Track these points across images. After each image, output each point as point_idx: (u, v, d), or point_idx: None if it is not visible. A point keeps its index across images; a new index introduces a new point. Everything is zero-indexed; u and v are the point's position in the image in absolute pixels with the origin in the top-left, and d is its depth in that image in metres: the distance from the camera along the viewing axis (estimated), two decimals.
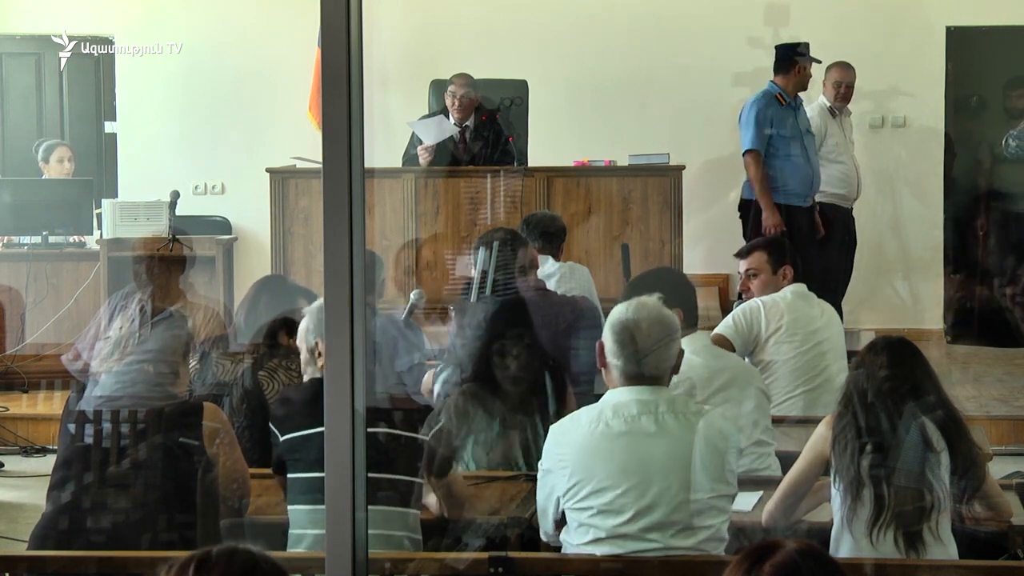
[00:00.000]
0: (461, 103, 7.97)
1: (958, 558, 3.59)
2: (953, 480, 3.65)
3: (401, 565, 3.59)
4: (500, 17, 9.52)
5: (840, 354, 5.42)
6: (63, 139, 9.53)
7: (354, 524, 2.45)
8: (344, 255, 2.45)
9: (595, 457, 3.44)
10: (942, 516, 3.57)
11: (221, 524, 3.82)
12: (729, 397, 4.49)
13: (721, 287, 9.03)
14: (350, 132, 2.45)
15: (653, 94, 9.43)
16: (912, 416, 3.60)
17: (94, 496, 3.69)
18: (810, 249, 7.55)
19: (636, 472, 3.42)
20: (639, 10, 9.43)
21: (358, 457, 2.46)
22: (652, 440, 3.44)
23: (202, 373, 4.63)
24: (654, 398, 3.49)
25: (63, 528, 3.69)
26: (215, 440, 3.77)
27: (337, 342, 2.45)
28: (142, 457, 3.73)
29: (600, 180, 8.00)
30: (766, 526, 3.75)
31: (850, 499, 3.56)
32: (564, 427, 3.57)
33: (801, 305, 5.46)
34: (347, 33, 2.44)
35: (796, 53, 7.95)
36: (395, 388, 5.28)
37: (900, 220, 9.41)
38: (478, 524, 3.82)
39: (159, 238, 7.56)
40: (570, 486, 3.46)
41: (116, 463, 3.72)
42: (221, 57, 9.70)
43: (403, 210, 7.92)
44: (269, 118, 9.45)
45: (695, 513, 3.41)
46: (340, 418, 2.46)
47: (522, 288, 5.26)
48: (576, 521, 3.48)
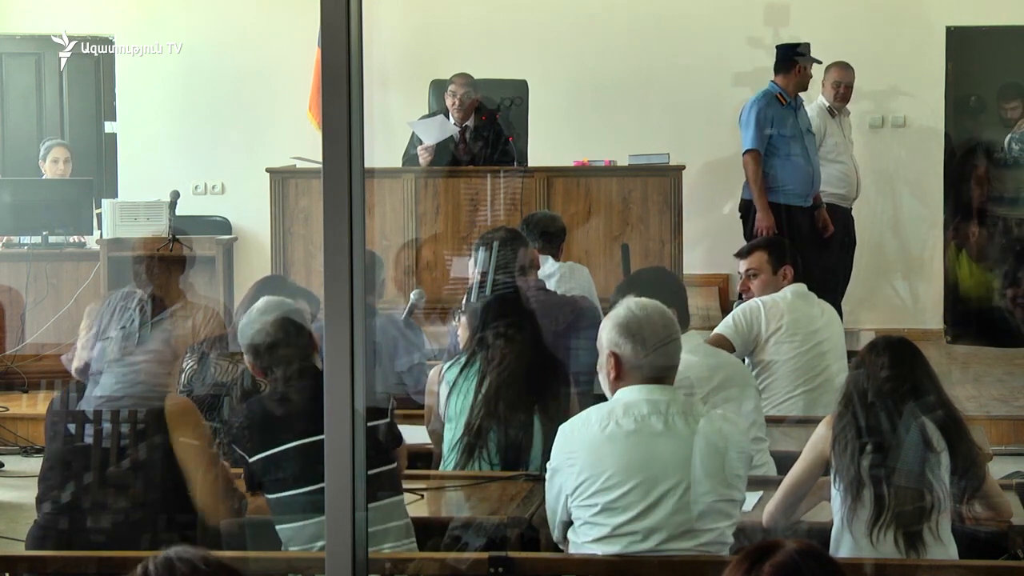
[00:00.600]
0: (461, 103, 7.97)
1: (958, 558, 3.59)
2: (953, 480, 3.65)
3: (401, 565, 3.59)
4: (500, 17, 9.53)
5: (840, 354, 5.42)
6: (63, 139, 9.53)
7: (354, 524, 2.45)
8: (344, 255, 2.45)
9: (604, 455, 3.45)
10: (942, 516, 3.57)
11: (221, 524, 3.81)
12: (729, 396, 4.49)
13: (721, 287, 9.03)
14: (350, 132, 2.45)
15: (653, 94, 9.43)
16: (912, 416, 3.60)
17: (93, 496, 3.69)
18: (810, 249, 7.55)
19: (642, 470, 3.42)
20: (639, 10, 9.43)
21: (358, 457, 2.46)
22: (660, 440, 3.45)
23: (201, 373, 4.63)
24: (664, 398, 3.49)
25: (63, 528, 3.69)
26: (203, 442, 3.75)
27: (337, 342, 2.45)
28: (141, 457, 3.73)
29: (600, 180, 8.00)
30: (766, 526, 3.75)
31: (850, 499, 3.56)
32: (573, 426, 3.57)
33: (801, 305, 5.46)
34: (347, 33, 2.44)
35: (796, 53, 7.95)
36: (395, 388, 5.29)
37: (900, 220, 9.41)
38: (478, 524, 3.82)
39: (159, 238, 7.55)
40: (578, 484, 3.46)
41: (116, 463, 3.71)
42: (221, 57, 9.70)
43: (403, 210, 7.92)
44: (269, 118, 9.45)
45: (699, 516, 3.41)
46: (340, 418, 2.46)
47: (522, 288, 5.25)
48: (581, 519, 3.48)
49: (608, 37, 9.43)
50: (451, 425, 4.44)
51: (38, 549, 3.74)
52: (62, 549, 3.68)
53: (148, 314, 3.92)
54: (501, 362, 4.43)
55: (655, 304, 3.60)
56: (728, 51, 9.11)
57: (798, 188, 7.84)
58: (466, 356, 4.51)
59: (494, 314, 4.54)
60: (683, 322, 4.59)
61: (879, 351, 3.72)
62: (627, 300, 3.61)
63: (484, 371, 4.42)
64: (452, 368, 4.51)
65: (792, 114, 7.86)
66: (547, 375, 4.51)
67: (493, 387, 4.39)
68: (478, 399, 4.38)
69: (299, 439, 3.64)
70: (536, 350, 4.53)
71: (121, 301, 3.93)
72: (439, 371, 4.59)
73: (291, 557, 3.66)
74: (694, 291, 7.08)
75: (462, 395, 4.43)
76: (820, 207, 7.98)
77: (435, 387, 4.56)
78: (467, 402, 4.41)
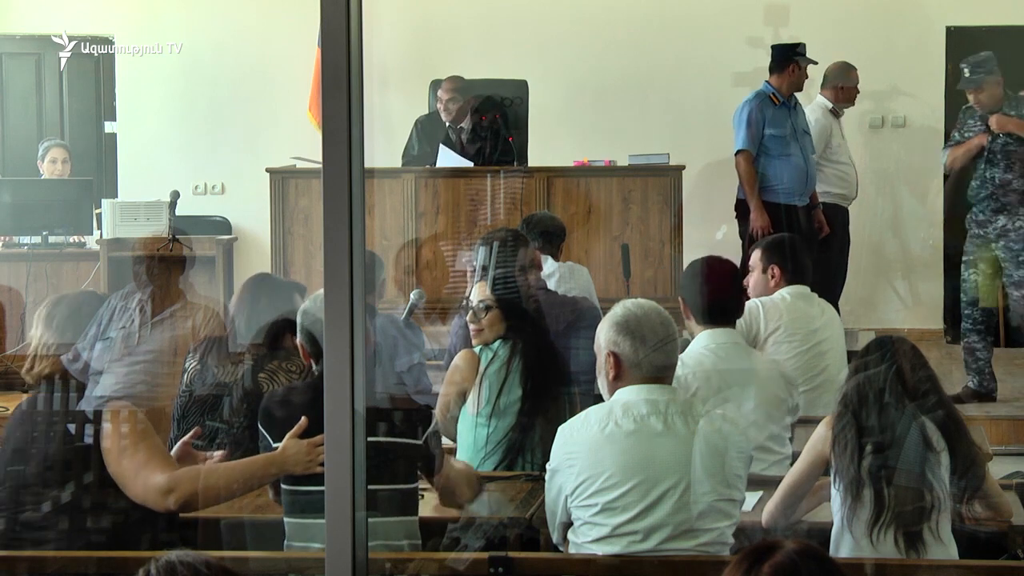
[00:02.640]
0: (448, 107, 8.04)
1: (958, 558, 3.59)
2: (953, 480, 3.65)
3: (401, 565, 3.59)
4: (500, 17, 9.53)
5: (840, 354, 5.42)
6: (63, 139, 9.53)
7: (354, 524, 2.45)
8: (344, 255, 2.45)
9: (603, 455, 3.45)
10: (942, 516, 3.57)
11: (221, 524, 3.81)
12: (728, 397, 4.49)
13: None
14: (350, 132, 2.45)
15: (653, 94, 9.43)
16: (912, 416, 3.60)
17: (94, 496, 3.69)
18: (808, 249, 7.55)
19: (641, 470, 3.42)
20: (639, 10, 9.43)
21: (358, 458, 2.46)
22: (659, 440, 3.45)
23: (202, 373, 4.63)
24: (663, 398, 3.50)
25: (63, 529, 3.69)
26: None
27: (337, 342, 2.45)
28: None
29: (600, 180, 8.01)
30: (766, 526, 3.76)
31: (850, 499, 3.56)
32: (573, 426, 3.57)
33: (801, 305, 5.46)
34: (347, 33, 2.44)
35: (792, 53, 7.95)
36: (395, 388, 5.28)
37: (900, 220, 9.42)
38: (478, 524, 3.81)
39: (159, 238, 7.55)
40: (577, 484, 3.46)
41: None
42: (221, 57, 9.70)
43: (403, 210, 7.92)
44: (269, 118, 9.45)
45: (699, 515, 3.41)
46: (340, 419, 2.46)
47: (523, 288, 5.25)
48: (581, 519, 3.48)
49: (608, 37, 9.43)
50: (482, 421, 4.41)
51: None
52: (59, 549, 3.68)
53: (148, 314, 3.92)
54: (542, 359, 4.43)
55: (652, 304, 3.61)
56: (728, 51, 9.11)
57: (794, 188, 7.84)
58: (507, 351, 4.48)
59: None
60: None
61: (878, 351, 3.72)
62: (624, 301, 3.62)
63: (529, 367, 4.40)
64: (492, 364, 4.48)
65: (787, 114, 7.86)
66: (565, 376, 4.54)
67: (539, 385, 4.39)
68: (524, 396, 4.37)
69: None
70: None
71: (121, 301, 3.93)
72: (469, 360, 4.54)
73: (291, 557, 3.66)
74: None
75: (501, 393, 4.41)
76: (817, 207, 7.98)
77: (457, 376, 4.53)
78: (511, 399, 4.39)
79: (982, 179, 7.01)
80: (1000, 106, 7.00)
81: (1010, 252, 6.97)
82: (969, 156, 7.04)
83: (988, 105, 7.00)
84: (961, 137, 7.13)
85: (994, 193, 6.99)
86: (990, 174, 6.97)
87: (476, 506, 3.93)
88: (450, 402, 4.53)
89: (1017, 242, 6.96)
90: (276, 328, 4.59)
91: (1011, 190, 6.96)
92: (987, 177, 6.99)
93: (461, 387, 4.52)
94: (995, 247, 7.01)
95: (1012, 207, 6.96)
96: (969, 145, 7.04)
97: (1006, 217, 6.97)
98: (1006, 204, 6.97)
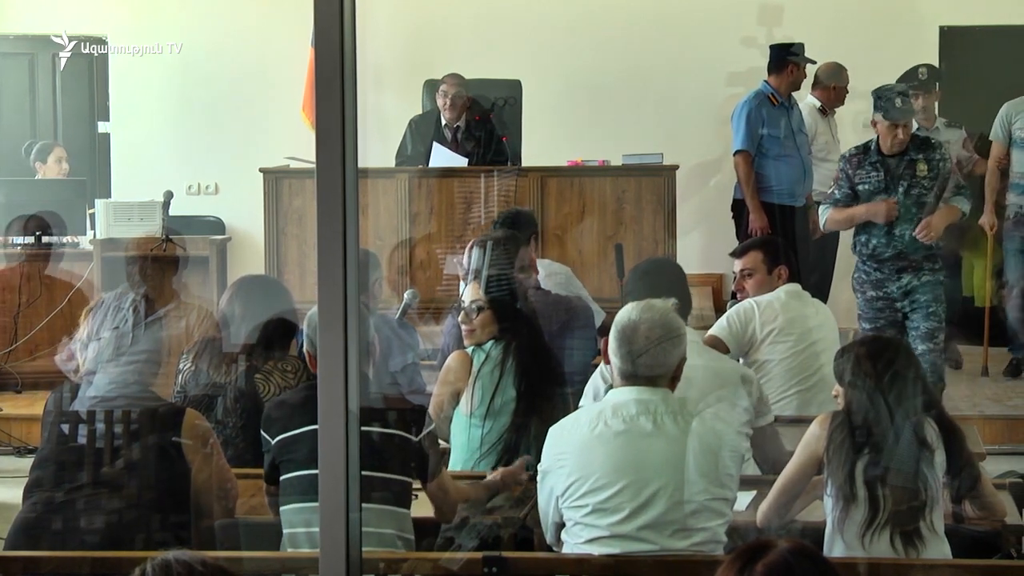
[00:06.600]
0: (453, 103, 7.99)
1: (951, 556, 3.60)
2: (947, 480, 3.66)
3: (395, 565, 3.59)
4: (494, 17, 9.53)
5: (834, 353, 5.42)
6: (56, 139, 9.53)
7: (348, 524, 2.45)
8: (338, 255, 2.45)
9: (593, 456, 3.45)
10: (935, 512, 3.58)
11: (215, 525, 3.81)
12: (722, 397, 4.49)
13: (715, 287, 9.03)
14: (343, 132, 2.45)
15: (647, 94, 9.44)
16: (905, 415, 3.61)
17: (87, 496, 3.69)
18: (804, 248, 7.57)
19: (632, 471, 3.42)
20: (633, 10, 9.44)
21: (352, 457, 2.46)
22: (649, 440, 3.45)
23: (196, 374, 4.62)
24: (652, 398, 3.49)
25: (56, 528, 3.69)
26: (202, 447, 3.75)
27: (331, 342, 2.45)
28: (135, 457, 3.73)
29: (594, 180, 8.00)
30: (760, 525, 3.76)
31: (843, 502, 3.56)
32: (563, 427, 3.57)
33: (795, 305, 5.46)
34: (340, 33, 2.44)
35: (790, 53, 7.96)
36: (389, 388, 5.28)
37: None
38: (472, 524, 3.82)
39: (152, 238, 7.56)
40: (568, 485, 3.47)
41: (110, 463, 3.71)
42: (214, 57, 9.70)
43: (397, 210, 7.92)
44: (262, 118, 9.45)
45: (691, 514, 3.41)
46: (334, 418, 2.46)
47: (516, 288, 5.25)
48: (573, 520, 3.48)
49: (602, 37, 9.44)
50: (476, 422, 4.41)
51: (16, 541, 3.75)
52: (44, 547, 3.68)
53: (141, 314, 3.91)
54: (537, 359, 4.43)
55: (660, 307, 3.58)
56: (722, 51, 9.12)
57: (790, 188, 7.86)
58: (500, 351, 4.48)
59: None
60: (683, 313, 4.61)
61: (870, 350, 3.72)
62: (630, 304, 3.61)
63: (522, 368, 4.40)
64: (485, 364, 4.47)
65: (785, 114, 7.87)
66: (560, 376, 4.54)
67: (534, 385, 4.38)
68: (519, 397, 4.36)
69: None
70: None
71: (114, 301, 3.92)
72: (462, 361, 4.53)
73: (286, 557, 3.66)
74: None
75: (496, 393, 4.40)
76: (811, 207, 7.99)
77: (450, 376, 4.53)
78: (505, 399, 4.39)
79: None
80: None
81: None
82: (852, 224, 6.34)
83: (903, 141, 6.21)
84: (851, 191, 6.28)
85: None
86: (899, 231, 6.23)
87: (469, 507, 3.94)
88: (443, 402, 4.52)
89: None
90: (268, 329, 4.59)
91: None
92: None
93: (454, 387, 4.51)
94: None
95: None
96: (857, 215, 6.24)
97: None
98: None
